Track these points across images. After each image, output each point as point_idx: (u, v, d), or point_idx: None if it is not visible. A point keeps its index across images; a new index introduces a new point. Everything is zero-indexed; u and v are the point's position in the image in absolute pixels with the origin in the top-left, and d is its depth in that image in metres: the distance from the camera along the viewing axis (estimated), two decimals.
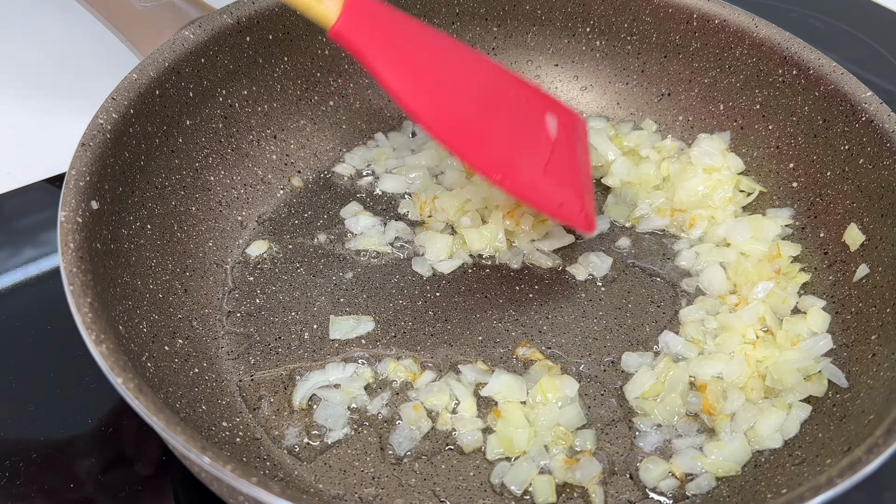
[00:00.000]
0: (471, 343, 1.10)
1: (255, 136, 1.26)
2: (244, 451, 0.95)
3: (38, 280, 1.20)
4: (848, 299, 1.08)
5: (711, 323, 1.10)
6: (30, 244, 1.24)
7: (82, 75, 1.51)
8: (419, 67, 1.03)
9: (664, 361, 1.05)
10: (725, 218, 1.20)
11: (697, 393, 1.03)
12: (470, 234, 1.19)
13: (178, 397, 0.94)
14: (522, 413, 1.00)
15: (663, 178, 1.26)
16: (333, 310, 1.13)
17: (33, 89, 1.50)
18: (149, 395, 0.74)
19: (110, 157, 0.98)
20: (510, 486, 0.95)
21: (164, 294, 1.06)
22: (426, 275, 1.17)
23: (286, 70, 1.28)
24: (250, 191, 1.24)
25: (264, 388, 1.03)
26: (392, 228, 1.23)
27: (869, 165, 1.08)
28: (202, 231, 1.16)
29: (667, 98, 1.35)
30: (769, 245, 1.15)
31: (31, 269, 1.22)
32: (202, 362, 1.03)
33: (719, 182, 1.22)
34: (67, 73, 1.53)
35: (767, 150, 1.25)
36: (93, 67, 1.51)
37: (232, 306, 1.12)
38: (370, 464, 0.97)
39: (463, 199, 1.22)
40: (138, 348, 0.93)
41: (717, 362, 1.05)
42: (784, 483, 0.90)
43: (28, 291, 1.19)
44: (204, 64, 1.15)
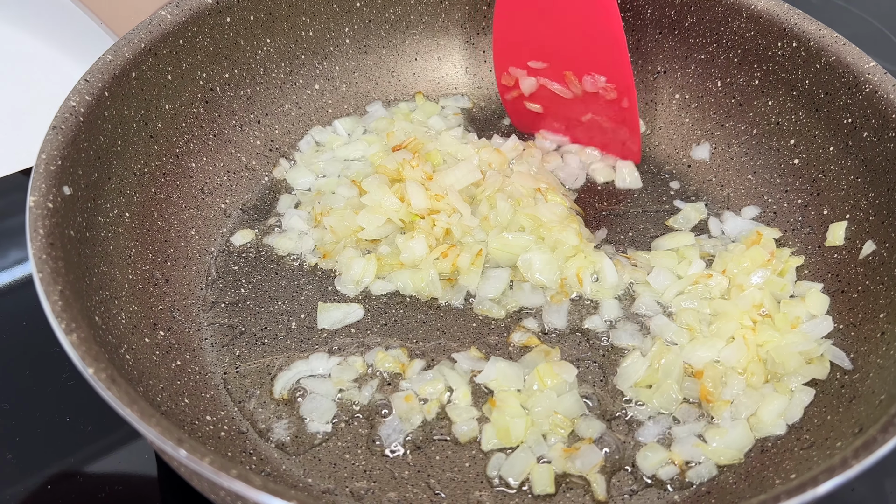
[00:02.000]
0: (464, 330, 1.06)
1: (237, 122, 1.22)
2: (229, 445, 0.91)
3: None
4: (854, 277, 1.04)
5: (706, 309, 1.06)
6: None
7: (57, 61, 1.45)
8: None
9: (657, 346, 1.01)
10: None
11: (694, 379, 0.99)
12: (400, 278, 1.09)
13: (160, 390, 0.90)
14: (519, 402, 0.96)
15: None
16: (321, 298, 1.08)
17: (6, 76, 1.45)
18: (122, 385, 0.69)
19: (84, 142, 0.94)
20: (507, 478, 0.91)
21: (144, 284, 1.02)
22: (352, 294, 1.09)
23: (269, 52, 1.24)
24: (234, 178, 1.20)
25: (250, 380, 0.99)
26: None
27: (874, 138, 1.05)
28: (184, 219, 1.12)
29: (662, 76, 1.31)
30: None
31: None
32: (185, 354, 0.99)
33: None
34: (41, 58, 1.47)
35: (767, 127, 1.21)
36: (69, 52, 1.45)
37: (216, 296, 1.08)
38: (361, 456, 0.93)
39: (355, 228, 1.12)
40: (116, 340, 0.89)
41: (713, 347, 1.01)
42: (793, 468, 0.87)
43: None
44: (182, 46, 1.11)
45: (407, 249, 1.09)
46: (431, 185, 1.13)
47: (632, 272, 1.11)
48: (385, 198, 1.11)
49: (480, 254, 1.10)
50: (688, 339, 1.03)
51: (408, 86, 1.36)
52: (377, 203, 1.11)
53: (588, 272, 1.09)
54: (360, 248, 1.12)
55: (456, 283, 1.10)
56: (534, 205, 1.14)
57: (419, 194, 1.11)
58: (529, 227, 1.13)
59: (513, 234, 1.12)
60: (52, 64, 1.33)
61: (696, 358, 1.01)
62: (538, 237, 1.12)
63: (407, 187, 1.11)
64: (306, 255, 1.13)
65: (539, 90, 1.26)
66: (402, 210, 1.11)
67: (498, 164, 1.22)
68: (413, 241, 1.09)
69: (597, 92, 1.20)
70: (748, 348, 1.00)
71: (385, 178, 1.14)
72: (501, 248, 1.11)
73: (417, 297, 1.09)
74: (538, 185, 1.17)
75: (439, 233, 1.11)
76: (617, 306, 1.08)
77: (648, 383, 0.99)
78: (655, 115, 1.32)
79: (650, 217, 1.21)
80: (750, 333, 1.01)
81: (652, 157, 1.30)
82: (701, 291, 1.08)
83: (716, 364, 1.00)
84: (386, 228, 1.11)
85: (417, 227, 1.11)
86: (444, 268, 1.09)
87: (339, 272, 1.10)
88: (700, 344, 1.02)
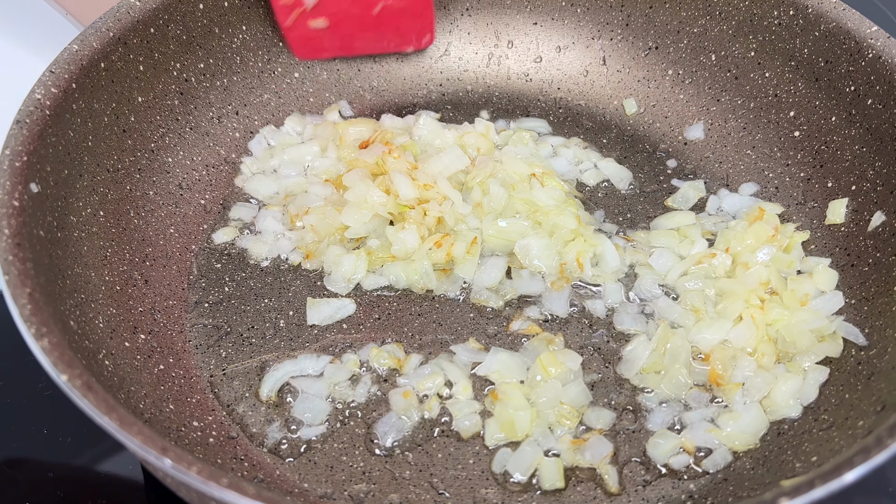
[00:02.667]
0: (462, 321, 1.01)
1: (214, 113, 1.16)
2: (219, 451, 0.86)
3: None
4: (864, 250, 1.01)
5: (711, 290, 1.02)
6: None
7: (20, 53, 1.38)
8: None
9: (661, 329, 0.97)
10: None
11: (702, 363, 0.95)
12: (392, 271, 1.04)
13: (142, 397, 0.85)
14: (522, 393, 0.92)
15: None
16: (310, 294, 1.03)
17: None
18: (99, 392, 0.64)
19: (51, 136, 0.88)
20: (514, 474, 0.87)
21: (122, 286, 0.96)
22: (343, 292, 1.04)
23: (245, 40, 1.18)
24: (213, 172, 1.15)
25: (238, 382, 0.94)
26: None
27: (879, 105, 1.01)
28: (162, 217, 1.06)
29: (654, 52, 1.27)
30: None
31: None
32: (168, 358, 0.94)
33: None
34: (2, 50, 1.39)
35: (765, 100, 1.17)
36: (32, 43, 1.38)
37: (198, 296, 1.02)
38: (359, 458, 0.88)
39: (338, 226, 1.06)
40: (94, 345, 0.84)
41: (720, 328, 0.97)
42: (813, 450, 0.83)
43: None
44: (154, 34, 1.06)
45: (398, 241, 1.04)
46: (418, 175, 1.08)
47: (633, 254, 1.07)
48: (370, 191, 1.06)
49: (476, 242, 1.05)
50: (693, 322, 0.99)
51: (391, 71, 1.31)
52: (362, 198, 1.06)
53: (588, 256, 1.05)
54: (345, 245, 1.07)
55: (451, 274, 1.05)
56: (529, 190, 1.10)
57: (406, 184, 1.06)
58: (525, 213, 1.09)
59: (508, 220, 1.07)
60: (14, 56, 1.27)
61: (703, 340, 0.96)
62: (535, 222, 1.07)
63: (393, 178, 1.06)
64: (286, 256, 1.07)
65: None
66: (389, 202, 1.06)
67: (485, 148, 1.18)
68: (404, 231, 1.04)
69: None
70: (757, 328, 0.96)
71: (366, 171, 1.09)
72: (497, 235, 1.07)
73: (411, 289, 1.04)
74: (532, 171, 1.12)
75: (431, 222, 1.06)
76: (619, 290, 1.04)
77: (656, 369, 0.95)
78: (648, 92, 1.28)
79: (648, 197, 1.17)
80: (758, 312, 0.97)
81: (647, 135, 1.25)
82: (705, 271, 1.04)
83: (724, 345, 0.96)
84: (372, 224, 1.06)
85: (408, 217, 1.06)
86: (438, 258, 1.04)
87: (328, 271, 1.05)
88: (707, 325, 0.98)
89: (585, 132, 1.26)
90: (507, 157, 1.14)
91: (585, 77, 1.31)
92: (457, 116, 1.28)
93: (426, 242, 1.04)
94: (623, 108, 1.28)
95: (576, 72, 1.32)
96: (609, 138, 1.25)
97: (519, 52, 1.33)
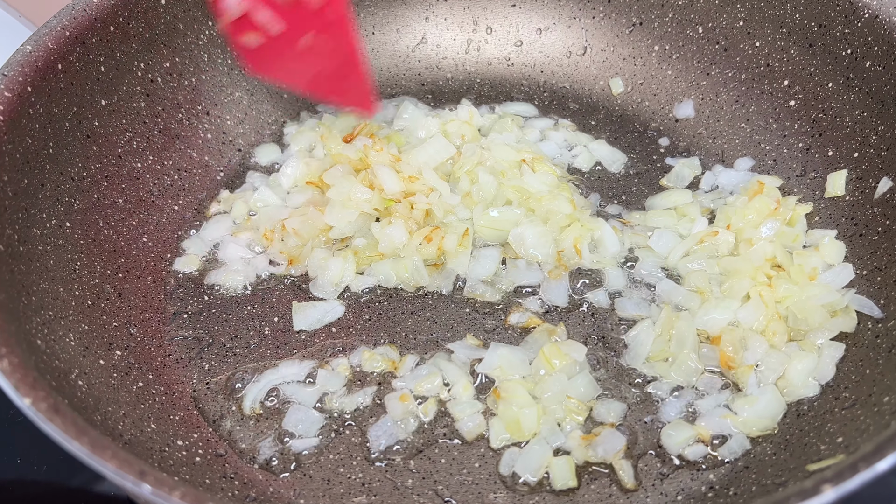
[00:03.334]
0: (457, 317, 0.96)
1: (184, 115, 1.10)
2: (206, 471, 0.80)
3: None
4: (872, 219, 0.96)
5: (714, 269, 0.97)
6: None
7: None
8: None
9: (665, 313, 0.92)
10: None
11: (711, 346, 0.91)
12: (381, 270, 0.99)
13: (121, 417, 0.79)
14: (526, 390, 0.86)
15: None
16: (296, 298, 0.98)
17: None
18: (67, 415, 0.58)
19: (7, 144, 0.82)
20: (523, 475, 0.82)
21: (94, 300, 0.90)
22: (331, 297, 0.98)
23: (212, 36, 1.12)
24: (186, 176, 1.09)
25: (224, 395, 0.88)
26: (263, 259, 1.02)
27: (878, 67, 0.97)
28: (133, 225, 1.01)
29: (639, 28, 1.22)
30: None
31: None
32: (147, 374, 0.88)
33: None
34: None
35: (757, 71, 1.13)
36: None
37: (176, 307, 0.97)
38: (357, 468, 0.82)
39: (322, 227, 1.01)
40: (65, 364, 0.78)
41: (728, 308, 0.92)
42: (838, 431, 0.78)
43: None
44: (114, 33, 1.00)
45: (385, 238, 0.99)
46: (402, 167, 1.03)
47: (631, 237, 1.02)
48: (353, 188, 1.00)
49: (467, 233, 1.00)
50: (699, 304, 0.94)
51: (367, 63, 1.25)
52: (345, 196, 1.00)
53: (586, 241, 1.00)
54: (330, 247, 1.01)
55: (443, 268, 1.00)
56: (519, 176, 1.05)
57: (391, 177, 1.01)
58: (517, 200, 1.04)
59: (500, 209, 1.02)
60: None
61: (711, 322, 0.92)
62: (528, 210, 1.02)
63: (376, 172, 1.01)
64: (265, 274, 1.00)
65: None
66: (374, 198, 1.00)
67: (470, 136, 1.13)
68: (390, 227, 0.99)
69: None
70: (766, 306, 0.92)
71: (348, 167, 1.04)
72: (489, 226, 1.02)
73: (402, 287, 0.99)
74: (522, 157, 1.07)
75: (419, 216, 1.01)
76: (621, 275, 0.99)
77: (664, 356, 0.90)
78: (635, 70, 1.23)
79: (642, 178, 1.12)
80: (766, 290, 0.93)
81: (636, 115, 1.21)
82: (707, 250, 1.00)
83: (733, 327, 0.91)
84: (358, 223, 1.01)
85: (394, 212, 1.00)
86: (428, 253, 0.99)
87: (313, 276, 0.99)
88: (713, 306, 0.93)
89: (572, 115, 1.21)
90: (494, 143, 1.09)
91: (569, 58, 1.27)
92: (438, 106, 1.23)
93: (415, 237, 0.99)
94: (610, 89, 1.24)
95: (558, 53, 1.27)
96: (597, 120, 1.21)
97: (498, 37, 1.29)
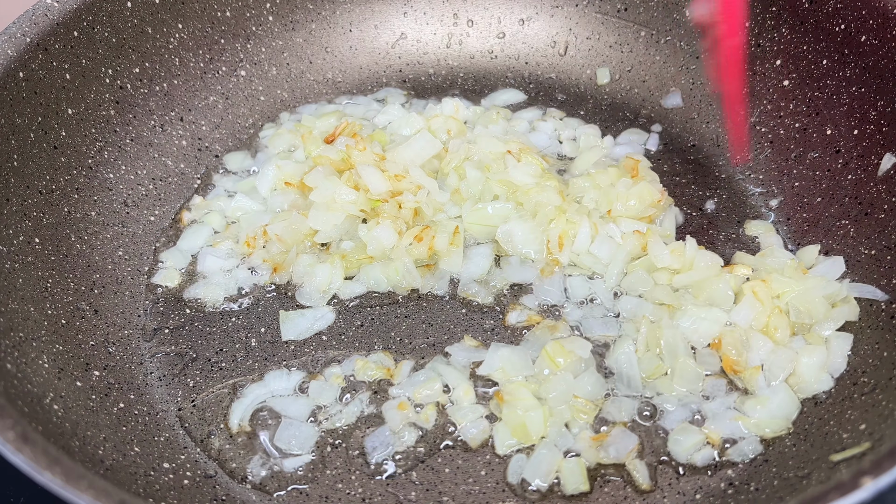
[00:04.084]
0: (454, 319, 0.91)
1: (156, 122, 1.06)
2: (196, 494, 0.75)
3: None
4: (877, 196, 0.93)
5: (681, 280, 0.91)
6: None
7: None
8: None
9: (645, 327, 0.86)
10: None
11: (711, 350, 0.86)
12: (370, 274, 0.94)
13: (101, 442, 0.74)
14: (530, 391, 0.82)
15: None
16: (282, 307, 0.93)
17: None
18: (38, 444, 0.53)
19: None
20: (532, 482, 0.77)
21: (68, 319, 0.85)
22: (320, 304, 0.93)
23: (182, 39, 1.08)
24: (161, 185, 1.04)
25: (211, 413, 0.83)
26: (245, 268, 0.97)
27: (874, 41, 0.94)
28: (108, 239, 0.96)
29: (624, 14, 1.19)
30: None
31: None
32: (128, 394, 0.83)
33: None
34: None
35: (749, 51, 1.09)
36: None
37: (157, 322, 0.92)
38: (356, 483, 0.78)
39: (307, 232, 0.96)
40: (38, 388, 0.73)
41: (718, 313, 0.87)
42: (860, 417, 0.74)
43: None
44: (78, 38, 0.95)
45: (373, 240, 0.94)
46: (387, 166, 0.99)
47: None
48: (337, 189, 0.96)
49: (458, 231, 0.96)
50: (671, 314, 0.89)
51: (345, 61, 1.21)
52: (329, 198, 0.96)
53: (572, 235, 0.95)
54: (316, 252, 0.97)
55: (436, 269, 0.96)
56: (504, 169, 1.01)
57: (376, 176, 0.96)
58: (504, 195, 0.99)
59: (488, 204, 0.98)
60: None
61: (703, 329, 0.86)
62: (517, 203, 0.98)
63: (360, 172, 0.97)
64: (247, 287, 0.95)
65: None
66: (359, 199, 0.96)
67: (456, 130, 1.09)
68: (378, 228, 0.94)
69: (706, 22, 0.88)
70: (762, 303, 0.87)
71: (330, 168, 0.99)
72: (478, 222, 0.97)
73: (394, 291, 0.94)
74: (507, 148, 1.03)
75: (407, 215, 0.97)
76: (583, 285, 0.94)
77: (661, 372, 0.84)
78: (622, 57, 1.20)
79: None
80: (760, 286, 0.88)
81: (626, 103, 1.17)
82: (644, 265, 0.94)
83: (731, 328, 0.87)
84: (344, 226, 0.96)
85: (381, 212, 0.96)
86: (419, 253, 0.94)
87: (299, 283, 0.94)
88: (700, 314, 0.87)
89: (560, 106, 1.18)
90: (480, 136, 1.05)
91: (553, 48, 1.23)
92: (421, 102, 1.19)
93: (405, 238, 0.95)
94: (597, 78, 1.20)
95: (543, 44, 1.23)
96: (586, 110, 1.17)
97: (480, 29, 1.25)
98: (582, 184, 1.00)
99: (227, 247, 0.99)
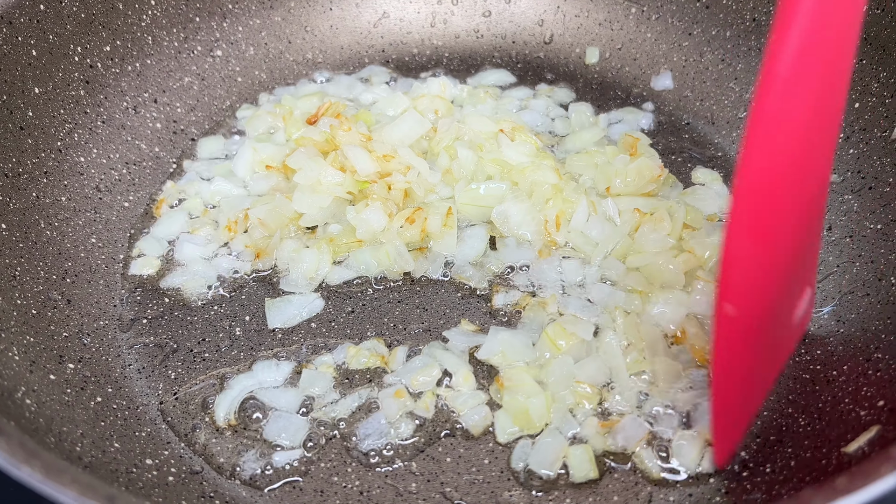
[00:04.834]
0: (449, 302, 0.87)
1: (129, 103, 1.00)
2: (182, 491, 0.71)
3: None
4: (881, 170, 0.91)
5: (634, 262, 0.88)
6: None
7: None
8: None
9: (621, 318, 0.82)
10: None
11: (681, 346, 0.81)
12: (360, 258, 0.90)
13: (79, 438, 0.69)
14: (531, 376, 0.78)
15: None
16: (268, 294, 0.88)
17: None
18: (13, 438, 0.48)
19: None
20: (539, 471, 0.73)
21: (39, 309, 0.80)
22: (307, 291, 0.88)
23: (155, 16, 1.03)
24: (135, 169, 0.98)
25: (194, 406, 0.79)
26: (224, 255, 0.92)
27: (876, 10, 0.91)
28: (80, 225, 0.90)
29: None
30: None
31: None
32: (106, 388, 0.78)
33: None
34: None
35: (742, 26, 1.07)
36: None
37: (134, 312, 0.86)
38: (353, 476, 0.73)
39: (291, 215, 0.92)
40: (9, 382, 0.68)
41: (678, 295, 0.83)
42: (876, 394, 0.71)
43: None
44: (45, 13, 0.89)
45: (362, 223, 0.90)
46: (374, 146, 0.95)
47: None
48: (322, 171, 0.91)
49: (451, 212, 0.92)
50: (642, 303, 0.85)
51: (325, 41, 1.17)
52: (314, 180, 0.91)
53: (570, 215, 0.91)
54: (301, 237, 0.92)
55: (429, 251, 0.91)
56: (498, 148, 0.97)
57: (363, 157, 0.92)
58: (498, 175, 0.96)
59: (482, 184, 0.94)
60: None
61: (666, 316, 0.82)
62: (512, 183, 0.95)
63: (346, 152, 0.92)
64: (229, 274, 0.90)
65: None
66: (346, 181, 0.92)
67: (444, 109, 1.05)
68: (367, 211, 0.90)
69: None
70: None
71: (314, 149, 0.95)
72: (472, 203, 0.94)
73: (386, 275, 0.90)
74: (499, 127, 0.99)
75: (398, 197, 0.92)
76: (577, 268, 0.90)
77: (645, 367, 0.80)
78: (612, 35, 1.16)
79: None
80: (706, 276, 0.84)
81: (617, 81, 1.14)
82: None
83: (691, 318, 0.82)
84: (331, 209, 0.92)
85: (370, 194, 0.92)
86: (411, 236, 0.90)
87: (284, 269, 0.90)
88: (662, 299, 0.83)
89: (549, 86, 1.14)
90: (470, 115, 1.01)
91: (541, 27, 1.19)
92: (406, 81, 1.14)
93: (395, 220, 0.90)
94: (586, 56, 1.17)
95: (530, 22, 1.20)
96: (577, 89, 1.14)
97: (465, 7, 1.21)
98: (579, 162, 0.97)
99: (207, 233, 0.94)
